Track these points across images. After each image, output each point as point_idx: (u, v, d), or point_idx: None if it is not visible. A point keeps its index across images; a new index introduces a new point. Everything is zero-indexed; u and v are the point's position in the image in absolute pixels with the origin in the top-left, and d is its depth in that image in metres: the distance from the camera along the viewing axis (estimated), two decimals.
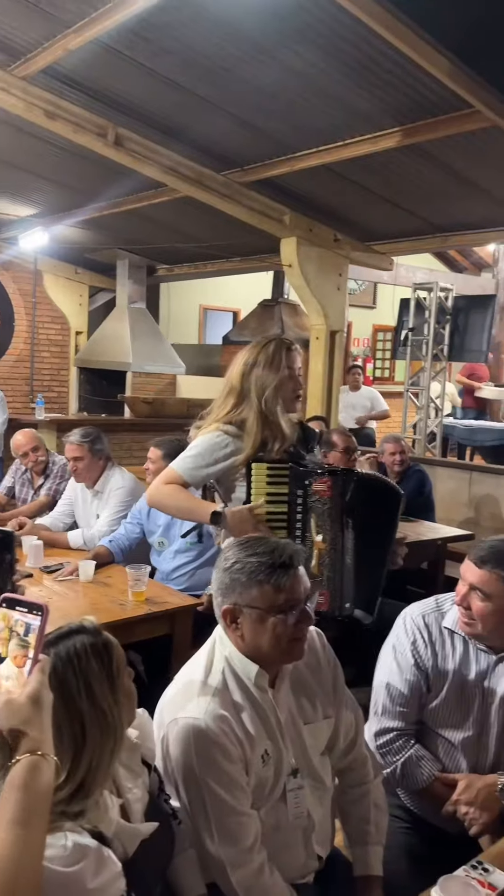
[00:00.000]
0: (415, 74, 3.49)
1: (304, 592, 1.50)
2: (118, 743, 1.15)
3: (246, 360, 2.32)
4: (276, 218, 5.63)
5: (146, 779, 1.31)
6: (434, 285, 7.18)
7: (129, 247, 8.10)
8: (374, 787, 1.65)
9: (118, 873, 1.08)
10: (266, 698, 1.50)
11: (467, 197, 4.97)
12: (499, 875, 1.39)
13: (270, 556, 1.47)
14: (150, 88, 4.22)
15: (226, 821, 1.38)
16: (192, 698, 1.45)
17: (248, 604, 1.46)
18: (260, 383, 2.27)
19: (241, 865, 1.37)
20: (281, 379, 2.28)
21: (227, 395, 2.34)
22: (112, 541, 3.26)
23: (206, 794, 1.37)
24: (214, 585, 1.52)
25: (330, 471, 2.25)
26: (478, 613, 1.67)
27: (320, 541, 2.21)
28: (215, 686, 1.47)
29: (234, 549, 1.52)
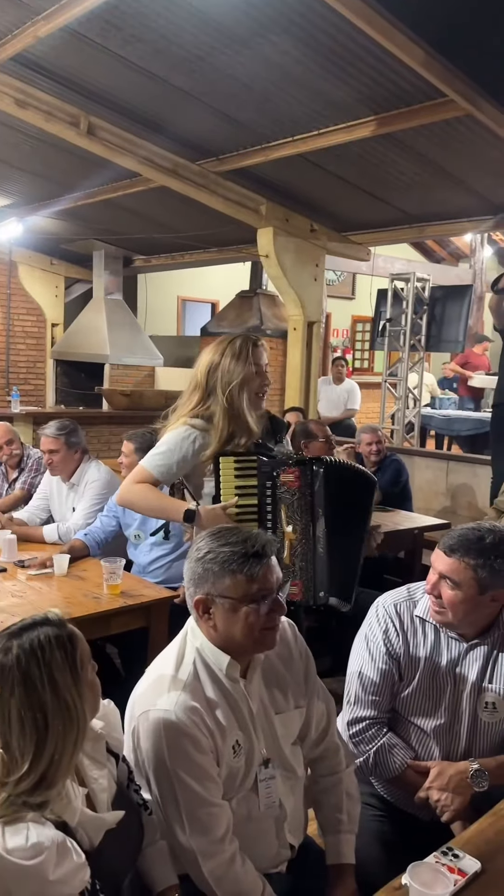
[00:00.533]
0: (389, 64, 3.49)
1: (276, 582, 1.50)
2: (81, 735, 1.15)
3: (212, 357, 2.30)
4: (253, 208, 5.61)
5: (113, 769, 1.30)
6: (411, 276, 7.19)
7: (105, 237, 8.04)
8: (346, 776, 1.66)
9: (81, 864, 1.08)
10: (237, 689, 1.50)
11: (443, 187, 4.98)
12: (469, 861, 1.41)
13: (243, 546, 1.47)
14: (123, 77, 4.18)
15: (197, 812, 1.38)
16: (162, 691, 1.44)
17: (220, 593, 1.46)
18: (226, 379, 2.26)
19: (212, 856, 1.37)
20: (247, 375, 2.27)
21: (193, 391, 2.33)
22: (87, 534, 3.24)
23: (177, 786, 1.37)
24: (187, 576, 1.51)
25: (298, 461, 2.25)
26: (448, 602, 1.68)
27: (291, 531, 2.22)
28: (186, 678, 1.46)
29: (207, 539, 1.52)
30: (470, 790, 1.67)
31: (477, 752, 1.77)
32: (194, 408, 2.31)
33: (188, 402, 2.34)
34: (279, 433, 2.46)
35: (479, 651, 1.76)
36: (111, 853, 1.20)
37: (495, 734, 1.78)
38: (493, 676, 1.76)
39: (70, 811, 1.13)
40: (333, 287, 12.35)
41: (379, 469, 4.66)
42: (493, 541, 1.66)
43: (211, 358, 2.31)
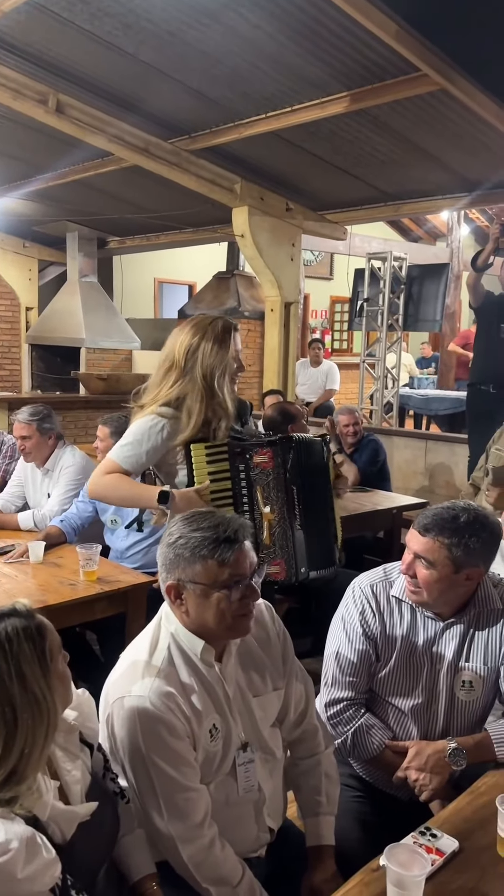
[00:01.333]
0: (362, 38, 3.43)
1: (249, 567, 1.48)
2: (52, 728, 1.12)
3: (191, 338, 2.26)
4: (227, 187, 5.54)
5: (87, 760, 1.28)
6: (388, 255, 7.16)
7: (79, 218, 7.91)
8: (324, 758, 1.66)
9: (52, 860, 1.06)
10: (213, 673, 1.49)
11: (418, 164, 4.94)
12: (447, 840, 1.41)
13: (214, 531, 1.45)
14: (92, 53, 4.09)
15: (174, 797, 1.36)
16: (136, 678, 1.42)
17: (191, 579, 1.44)
18: (207, 363, 2.23)
19: (191, 841, 1.36)
20: (228, 360, 2.27)
21: (169, 371, 2.28)
22: (63, 520, 3.20)
23: (153, 772, 1.36)
24: (159, 561, 1.49)
25: (269, 442, 2.26)
26: (423, 581, 1.67)
27: (269, 512, 2.23)
28: (160, 664, 1.45)
29: (179, 523, 1.49)
30: (448, 769, 1.68)
31: (455, 730, 1.77)
32: (171, 387, 2.26)
33: (164, 382, 2.29)
34: (244, 416, 2.46)
35: (455, 630, 1.75)
36: (84, 845, 1.18)
37: (472, 713, 1.78)
38: (469, 655, 1.76)
39: (41, 805, 1.11)
40: (311, 267, 12.29)
41: (357, 450, 4.66)
42: (468, 519, 1.65)
43: (190, 340, 2.26)
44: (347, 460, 4.61)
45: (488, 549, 1.68)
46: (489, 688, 1.77)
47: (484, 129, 4.15)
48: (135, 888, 1.33)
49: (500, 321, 4.50)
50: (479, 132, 4.23)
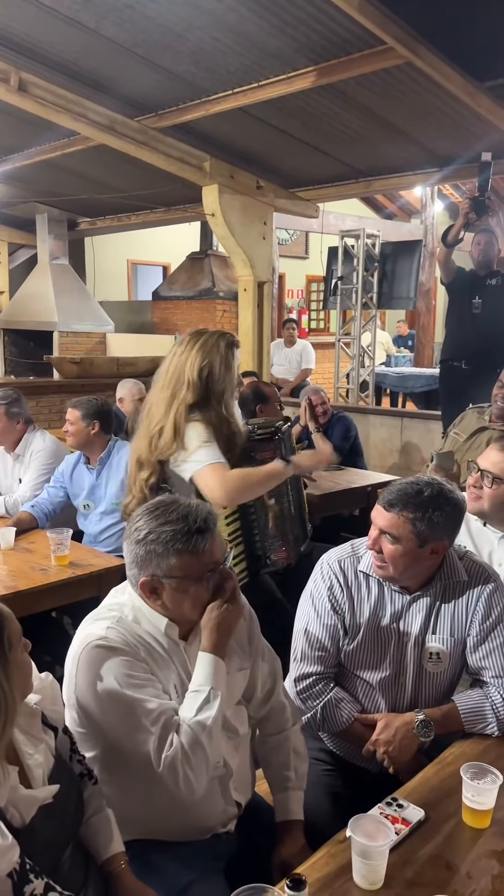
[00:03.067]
0: (325, 10, 3.39)
1: (221, 553, 1.49)
2: (10, 718, 1.11)
3: (202, 359, 2.28)
4: (196, 165, 5.48)
5: (50, 742, 1.28)
6: (361, 232, 7.13)
7: (48, 200, 7.80)
8: (292, 734, 1.67)
9: (9, 846, 1.05)
10: (177, 650, 1.49)
11: (387, 139, 4.90)
12: (412, 809, 1.43)
13: (185, 523, 1.44)
14: (52, 29, 4.01)
15: (143, 721, 1.37)
16: (94, 632, 1.43)
17: (167, 574, 1.43)
18: (220, 387, 2.29)
19: (165, 748, 1.38)
20: (235, 381, 2.35)
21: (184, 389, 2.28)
22: (35, 506, 3.17)
23: (119, 705, 1.37)
24: (128, 558, 1.47)
25: (268, 438, 2.39)
26: (388, 556, 1.68)
27: (273, 503, 2.37)
28: (119, 620, 1.46)
29: (145, 518, 1.47)
30: (416, 741, 1.69)
31: (422, 702, 1.79)
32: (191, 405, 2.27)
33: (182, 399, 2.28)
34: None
35: (421, 603, 1.77)
36: (46, 828, 1.17)
37: (440, 684, 1.80)
38: (436, 627, 1.77)
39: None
40: (286, 247, 12.21)
41: (328, 428, 4.66)
42: (431, 494, 1.65)
43: (201, 361, 2.28)
44: (323, 438, 4.61)
45: (452, 523, 1.69)
46: (456, 659, 1.79)
47: (451, 102, 4.12)
48: (103, 867, 1.33)
49: (471, 297, 4.49)
50: (447, 106, 4.21)
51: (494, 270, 4.52)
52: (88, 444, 3.19)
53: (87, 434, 3.15)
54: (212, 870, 1.48)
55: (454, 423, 3.35)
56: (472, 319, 4.51)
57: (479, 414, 3.27)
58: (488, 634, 1.75)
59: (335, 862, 1.30)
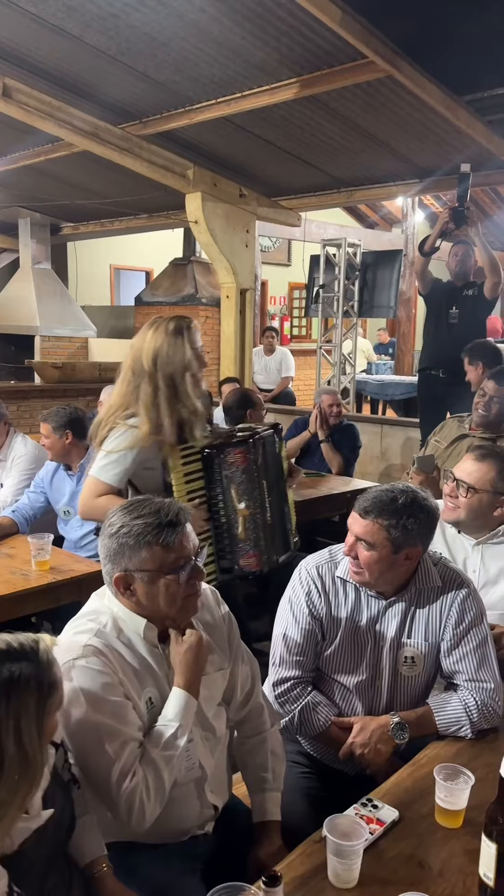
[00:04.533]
0: (308, 24, 3.45)
1: (193, 549, 1.51)
2: (35, 785, 1.08)
3: (147, 343, 2.28)
4: (179, 172, 5.51)
5: (51, 760, 1.26)
6: (342, 241, 7.19)
7: (31, 204, 7.79)
8: (270, 736, 1.69)
9: None
10: (156, 652, 1.51)
11: (369, 150, 4.97)
12: (387, 810, 1.46)
13: (156, 517, 1.46)
14: (37, 37, 4.03)
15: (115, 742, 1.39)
16: (71, 649, 1.43)
17: (138, 567, 1.45)
18: (167, 365, 2.25)
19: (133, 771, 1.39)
20: (191, 359, 2.28)
21: (132, 380, 2.29)
22: (15, 511, 3.18)
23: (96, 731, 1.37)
24: (102, 553, 1.49)
25: (241, 441, 2.32)
26: (364, 563, 1.71)
27: (244, 508, 2.32)
28: (95, 633, 1.46)
29: (119, 513, 1.50)
30: (392, 743, 1.73)
31: (398, 705, 1.82)
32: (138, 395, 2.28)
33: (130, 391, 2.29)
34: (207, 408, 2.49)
35: (397, 608, 1.80)
36: (37, 849, 1.16)
37: (415, 688, 1.83)
38: (411, 632, 1.81)
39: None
40: (269, 254, 12.28)
41: (335, 435, 4.67)
42: (405, 501, 1.69)
43: (146, 345, 2.28)
44: (333, 449, 4.65)
45: (426, 530, 1.73)
46: (430, 663, 1.82)
47: (431, 115, 4.20)
48: (85, 870, 1.35)
49: (448, 307, 4.57)
50: (427, 119, 4.28)
51: (471, 281, 4.60)
52: (66, 455, 3.19)
53: (63, 445, 3.16)
54: (189, 871, 1.50)
55: (434, 432, 3.40)
56: (449, 329, 4.59)
57: (459, 422, 3.32)
58: (462, 639, 1.78)
59: (311, 861, 1.33)
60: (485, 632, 1.80)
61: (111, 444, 2.28)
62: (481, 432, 3.17)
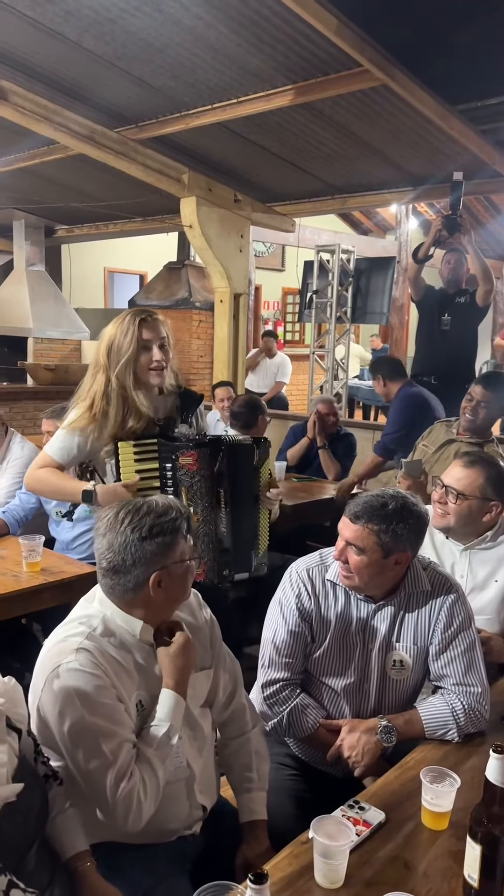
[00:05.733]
0: (303, 32, 3.47)
1: None
2: None
3: (108, 335, 2.28)
4: (174, 177, 5.53)
5: (15, 744, 1.30)
6: (336, 247, 7.23)
7: (25, 206, 7.80)
8: (253, 736, 1.71)
9: None
10: (147, 652, 1.53)
11: (363, 158, 5.00)
12: (373, 812, 1.47)
13: (175, 511, 1.52)
14: (34, 40, 4.04)
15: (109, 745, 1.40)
16: (62, 652, 1.45)
17: (175, 560, 1.50)
18: (116, 358, 2.24)
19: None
20: (133, 352, 2.23)
21: (93, 370, 2.31)
22: (6, 512, 3.18)
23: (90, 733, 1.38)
24: (129, 560, 1.47)
25: (197, 443, 2.25)
26: (354, 567, 1.73)
27: (192, 513, 2.23)
28: (86, 636, 1.47)
29: (136, 516, 1.49)
30: (379, 746, 1.74)
31: (386, 709, 1.84)
32: (93, 385, 2.29)
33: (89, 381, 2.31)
34: (188, 410, 2.44)
35: (386, 612, 1.82)
36: (10, 826, 1.20)
37: (403, 691, 1.85)
38: (399, 635, 1.82)
39: None
40: (263, 259, 12.33)
41: (333, 441, 4.71)
42: (396, 507, 1.71)
43: (106, 337, 2.28)
44: (331, 457, 4.68)
45: (416, 535, 1.75)
46: (419, 667, 1.84)
47: (424, 124, 4.23)
48: (68, 865, 1.36)
49: (440, 314, 4.60)
50: (420, 127, 4.31)
51: (463, 289, 4.63)
52: None
53: None
54: (176, 872, 1.51)
55: (423, 436, 3.42)
56: (442, 336, 4.62)
57: (446, 427, 3.35)
58: (450, 643, 1.80)
59: (297, 862, 1.34)
60: (473, 636, 1.82)
61: (66, 421, 2.33)
62: (468, 437, 3.19)
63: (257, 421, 4.10)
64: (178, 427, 2.41)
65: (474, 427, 3.17)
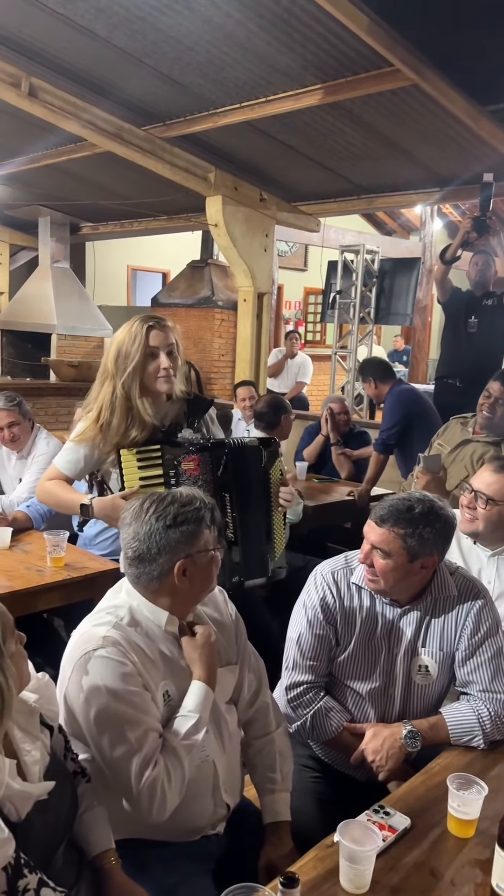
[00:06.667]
0: (334, 31, 3.45)
1: None
2: (7, 709, 1.13)
3: (116, 341, 2.26)
4: (201, 175, 5.53)
5: (46, 741, 1.30)
6: (361, 248, 7.20)
7: (51, 203, 7.83)
8: (277, 737, 1.71)
9: (5, 839, 1.08)
10: (174, 643, 1.54)
11: (391, 158, 4.97)
12: (399, 817, 1.46)
13: (200, 501, 1.54)
14: (65, 37, 4.06)
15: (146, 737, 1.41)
16: (90, 641, 1.46)
17: (200, 549, 1.51)
18: (123, 365, 2.21)
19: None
20: (140, 359, 2.20)
21: (101, 378, 2.30)
22: (30, 506, 3.19)
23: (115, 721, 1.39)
24: (158, 546, 1.48)
25: (199, 448, 2.22)
26: (380, 571, 1.72)
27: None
28: (113, 626, 1.48)
29: (161, 505, 1.51)
30: (403, 751, 1.73)
31: (410, 714, 1.83)
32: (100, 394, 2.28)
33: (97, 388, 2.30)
34: (195, 416, 2.40)
35: (411, 616, 1.80)
36: (42, 824, 1.20)
37: (428, 696, 1.84)
38: (425, 640, 1.81)
39: None
40: (286, 258, 12.30)
41: (347, 441, 4.70)
42: (422, 510, 1.69)
43: (115, 343, 2.27)
44: (345, 456, 4.68)
45: (442, 539, 1.73)
46: (444, 672, 1.83)
47: (454, 125, 4.19)
48: (94, 862, 1.36)
49: (467, 316, 4.57)
50: (450, 128, 4.28)
51: (490, 291, 4.60)
52: None
53: None
54: (200, 871, 1.51)
55: (438, 434, 3.38)
56: (468, 338, 4.58)
57: (462, 425, 3.29)
58: (476, 649, 1.78)
59: (323, 865, 1.33)
60: (500, 642, 1.80)
61: (73, 433, 2.35)
62: (485, 435, 3.14)
63: (281, 421, 4.10)
64: (183, 432, 2.36)
65: (491, 425, 3.12)
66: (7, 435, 3.39)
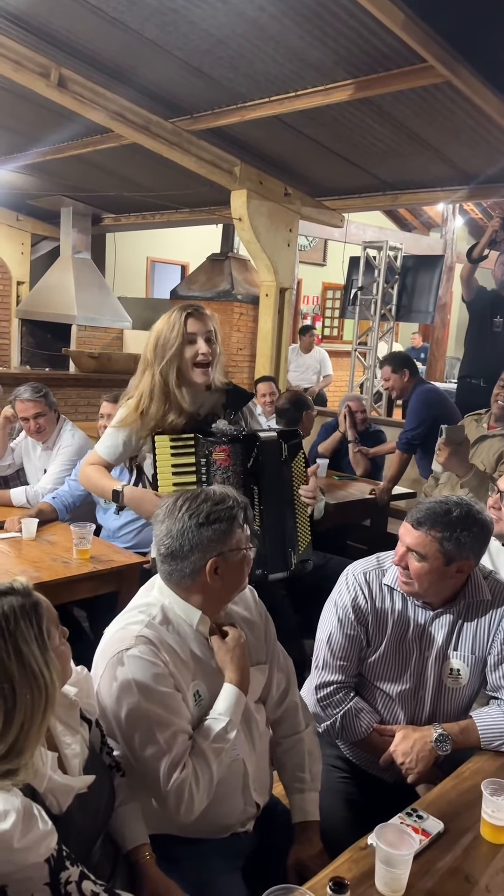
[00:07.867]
0: (368, 25, 3.42)
1: None
2: (50, 702, 1.15)
3: (156, 330, 2.28)
4: (226, 169, 5.51)
5: (86, 734, 1.31)
6: (384, 244, 7.16)
7: (74, 194, 7.84)
8: (306, 736, 1.71)
9: (48, 831, 1.09)
10: (204, 643, 1.54)
11: (418, 155, 4.94)
12: (432, 821, 1.46)
13: (233, 500, 1.54)
14: (95, 28, 4.05)
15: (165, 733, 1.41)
16: (123, 640, 1.46)
17: (231, 548, 1.52)
18: (161, 353, 2.24)
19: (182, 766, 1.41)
20: (178, 346, 2.22)
21: (142, 367, 2.32)
22: (55, 497, 3.21)
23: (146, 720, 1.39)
24: (187, 546, 1.49)
25: (231, 439, 2.22)
26: (414, 573, 1.71)
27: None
28: (146, 625, 1.49)
29: (194, 503, 1.51)
30: (433, 754, 1.73)
31: (441, 717, 1.82)
32: (140, 381, 2.31)
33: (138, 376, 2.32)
34: (233, 407, 2.41)
35: (444, 619, 1.80)
36: (82, 817, 1.21)
37: (458, 700, 1.83)
38: (457, 644, 1.80)
39: (39, 777, 1.14)
40: (305, 253, 12.24)
41: (363, 439, 4.70)
42: (460, 514, 1.69)
43: (154, 332, 2.29)
44: (361, 454, 4.68)
45: (479, 543, 1.72)
46: (476, 677, 1.82)
47: (485, 123, 4.16)
48: (128, 856, 1.37)
49: (493, 316, 4.54)
50: (480, 126, 4.24)
51: None
52: None
53: None
54: (230, 868, 1.52)
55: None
56: (493, 338, 4.55)
57: (476, 422, 3.27)
58: None
59: (357, 868, 1.33)
60: None
61: (114, 419, 2.39)
62: (500, 429, 3.13)
63: (302, 417, 4.10)
64: (218, 423, 2.35)
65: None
66: (33, 426, 3.40)
